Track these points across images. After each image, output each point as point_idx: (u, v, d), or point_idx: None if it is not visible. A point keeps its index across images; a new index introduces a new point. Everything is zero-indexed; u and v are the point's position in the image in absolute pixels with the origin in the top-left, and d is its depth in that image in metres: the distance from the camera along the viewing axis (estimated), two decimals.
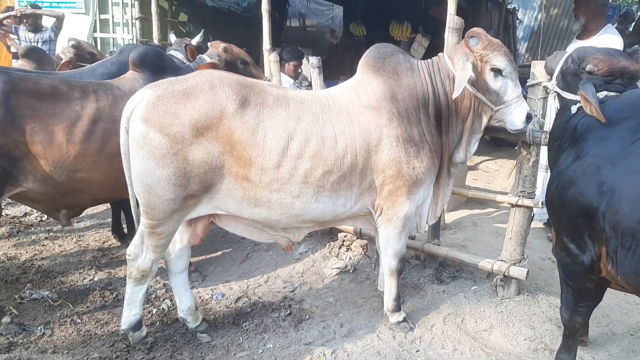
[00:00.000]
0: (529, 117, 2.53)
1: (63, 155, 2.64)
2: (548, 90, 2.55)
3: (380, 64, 2.54)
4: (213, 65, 3.54)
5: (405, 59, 2.58)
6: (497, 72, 2.48)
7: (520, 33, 12.28)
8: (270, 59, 4.12)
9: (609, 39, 3.66)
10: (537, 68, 2.67)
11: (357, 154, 2.43)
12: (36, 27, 5.98)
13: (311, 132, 2.38)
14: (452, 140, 2.64)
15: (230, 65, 3.90)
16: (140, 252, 2.51)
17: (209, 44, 3.99)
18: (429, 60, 2.62)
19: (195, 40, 4.14)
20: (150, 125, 2.27)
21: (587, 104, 2.07)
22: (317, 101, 2.49)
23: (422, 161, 2.49)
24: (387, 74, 2.52)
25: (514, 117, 2.53)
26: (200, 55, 3.81)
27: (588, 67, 2.21)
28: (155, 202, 2.34)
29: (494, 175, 5.88)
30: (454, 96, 2.41)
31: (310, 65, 3.49)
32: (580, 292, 2.14)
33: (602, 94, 2.13)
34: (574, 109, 2.21)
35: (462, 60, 2.46)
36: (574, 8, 4.01)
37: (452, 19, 2.69)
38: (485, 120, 2.59)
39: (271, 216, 2.48)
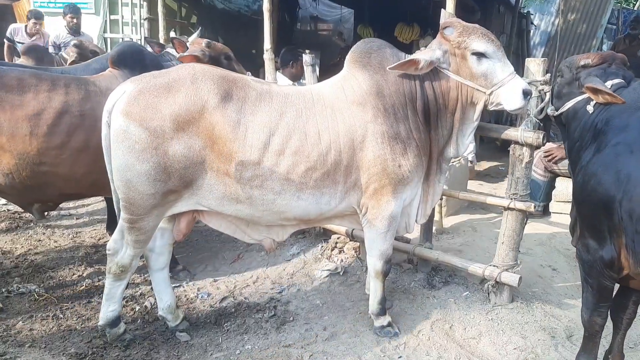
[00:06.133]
0: (526, 93, 2.36)
1: (26, 147, 2.62)
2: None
3: (367, 59, 2.48)
4: (196, 59, 3.50)
5: (393, 53, 2.50)
6: (479, 55, 2.38)
7: (537, 38, 12.08)
8: (265, 57, 4.09)
9: None
10: (531, 65, 2.57)
11: (341, 151, 2.37)
12: (76, 30, 6.02)
13: (293, 128, 2.33)
14: (441, 136, 2.55)
15: (214, 60, 3.86)
16: (120, 248, 2.48)
17: (189, 39, 3.95)
18: (414, 54, 2.55)
19: (192, 38, 4.12)
20: (130, 119, 2.24)
21: (597, 93, 2.09)
22: (301, 97, 2.43)
23: (409, 159, 2.41)
24: (373, 69, 2.45)
25: (509, 96, 2.36)
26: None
27: (582, 62, 2.26)
28: (134, 197, 2.31)
29: (503, 179, 5.72)
30: (389, 67, 2.38)
31: (304, 63, 3.44)
32: (600, 291, 2.09)
33: (608, 84, 2.13)
34: (590, 109, 2.18)
35: (432, 46, 2.48)
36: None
37: (444, 15, 2.60)
38: (480, 107, 2.46)
39: (253, 213, 2.43)
